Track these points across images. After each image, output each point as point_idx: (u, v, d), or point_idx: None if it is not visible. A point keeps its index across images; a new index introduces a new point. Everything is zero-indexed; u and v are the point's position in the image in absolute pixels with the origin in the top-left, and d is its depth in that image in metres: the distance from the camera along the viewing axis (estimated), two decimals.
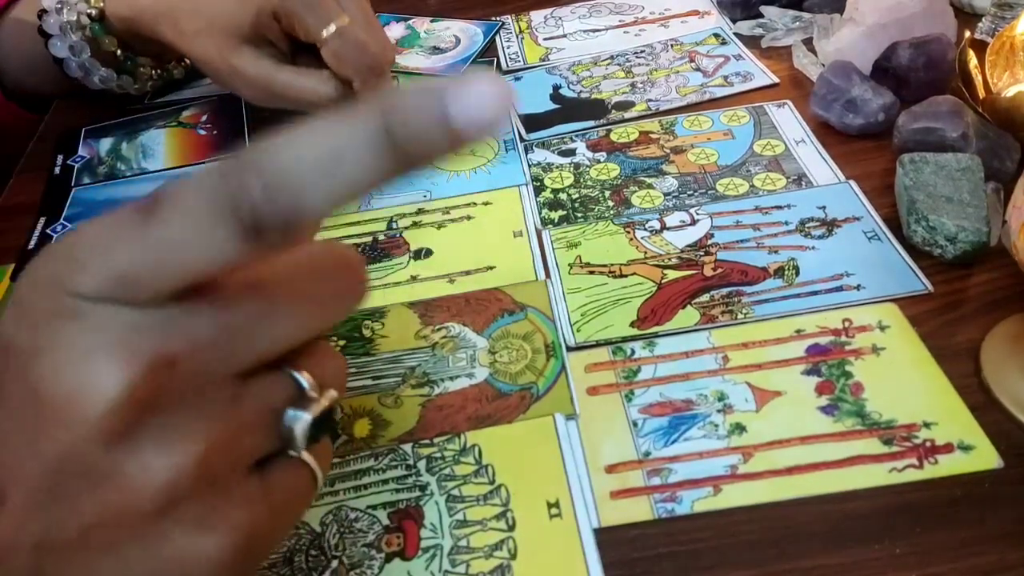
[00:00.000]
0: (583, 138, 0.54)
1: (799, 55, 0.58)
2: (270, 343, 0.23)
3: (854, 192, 0.46)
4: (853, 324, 0.39)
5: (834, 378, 0.37)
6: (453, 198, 0.50)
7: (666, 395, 0.37)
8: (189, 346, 0.22)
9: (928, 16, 0.53)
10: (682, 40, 0.63)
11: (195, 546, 0.22)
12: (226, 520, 0.23)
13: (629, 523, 0.32)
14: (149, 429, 0.21)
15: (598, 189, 0.49)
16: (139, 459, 0.21)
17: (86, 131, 0.60)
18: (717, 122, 0.54)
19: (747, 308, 0.40)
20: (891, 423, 0.35)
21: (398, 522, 0.33)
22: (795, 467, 0.34)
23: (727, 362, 0.38)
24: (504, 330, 0.41)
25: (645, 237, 0.45)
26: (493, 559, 0.32)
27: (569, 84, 0.59)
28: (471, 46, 0.65)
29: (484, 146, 0.54)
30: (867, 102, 0.50)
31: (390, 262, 0.46)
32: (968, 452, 0.33)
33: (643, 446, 0.35)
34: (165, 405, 0.21)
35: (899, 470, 0.33)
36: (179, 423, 0.22)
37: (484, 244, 0.46)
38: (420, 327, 0.41)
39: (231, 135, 0.58)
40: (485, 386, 0.38)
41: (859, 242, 0.43)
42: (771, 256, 0.43)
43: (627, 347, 0.39)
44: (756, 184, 0.48)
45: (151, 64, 0.60)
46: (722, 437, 0.35)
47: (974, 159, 0.43)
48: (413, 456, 0.36)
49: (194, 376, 0.22)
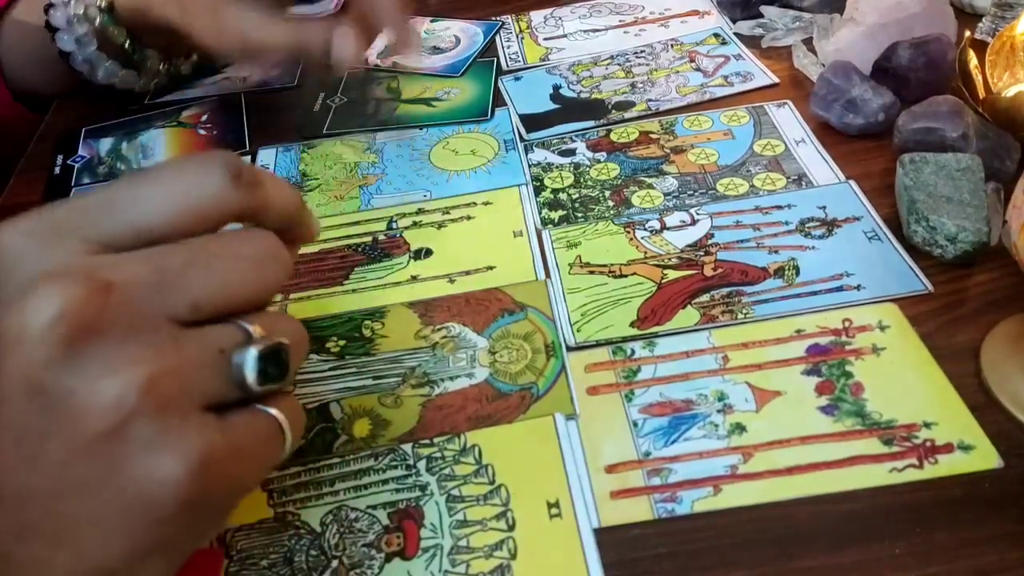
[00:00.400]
0: (583, 138, 0.54)
1: (799, 55, 0.58)
2: (202, 287, 0.25)
3: (854, 192, 0.46)
4: (853, 324, 0.39)
5: (834, 378, 0.37)
6: (453, 198, 0.50)
7: (666, 395, 0.37)
8: (124, 278, 0.24)
9: (928, 16, 0.53)
10: (682, 40, 0.63)
11: (151, 467, 0.23)
12: (179, 441, 0.23)
13: (629, 523, 0.32)
14: (93, 352, 0.23)
15: (598, 189, 0.49)
16: (85, 379, 0.23)
17: (86, 131, 0.60)
18: (717, 122, 0.54)
19: (747, 308, 0.40)
20: (891, 423, 0.35)
21: (398, 522, 0.33)
22: (795, 467, 0.34)
23: (727, 362, 0.38)
24: (504, 330, 0.41)
25: (645, 237, 0.45)
26: (493, 559, 0.32)
27: (569, 84, 0.59)
28: (471, 46, 0.65)
29: (484, 146, 0.54)
30: (867, 102, 0.50)
31: (390, 262, 0.46)
32: (968, 452, 0.33)
33: (643, 446, 0.35)
34: (106, 331, 0.23)
35: (899, 470, 0.33)
36: (121, 348, 0.23)
37: (484, 244, 0.46)
38: (420, 327, 0.41)
39: (231, 135, 0.58)
40: (485, 386, 0.38)
41: (859, 242, 0.43)
42: (771, 256, 0.43)
43: (627, 347, 0.39)
44: (756, 184, 0.48)
45: (158, 57, 0.60)
46: (722, 437, 0.35)
47: (974, 159, 0.43)
48: (413, 456, 0.36)
49: (131, 307, 0.24)
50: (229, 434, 0.25)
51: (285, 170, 0.54)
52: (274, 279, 0.28)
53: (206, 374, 0.25)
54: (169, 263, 0.25)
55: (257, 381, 0.26)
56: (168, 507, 0.23)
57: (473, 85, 0.60)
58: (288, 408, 0.27)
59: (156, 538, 0.24)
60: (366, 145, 0.56)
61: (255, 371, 0.25)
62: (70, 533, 0.23)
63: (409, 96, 0.60)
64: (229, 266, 0.26)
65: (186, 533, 0.26)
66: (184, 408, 0.24)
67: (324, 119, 0.58)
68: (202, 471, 0.24)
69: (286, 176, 0.53)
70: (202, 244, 0.26)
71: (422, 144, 0.55)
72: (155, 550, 0.24)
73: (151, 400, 0.23)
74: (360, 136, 0.56)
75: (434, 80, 0.62)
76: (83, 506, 0.23)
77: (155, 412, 0.23)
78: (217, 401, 0.25)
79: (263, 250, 0.27)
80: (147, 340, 0.24)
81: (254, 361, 0.25)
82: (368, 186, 0.52)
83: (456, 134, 0.56)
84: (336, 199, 0.51)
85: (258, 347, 0.26)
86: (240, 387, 0.26)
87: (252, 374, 0.25)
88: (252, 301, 0.27)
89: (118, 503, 0.23)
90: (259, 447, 0.26)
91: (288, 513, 0.34)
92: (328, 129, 0.57)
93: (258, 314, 0.27)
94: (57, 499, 0.23)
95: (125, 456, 0.23)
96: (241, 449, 0.25)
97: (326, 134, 0.57)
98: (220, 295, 0.26)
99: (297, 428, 0.28)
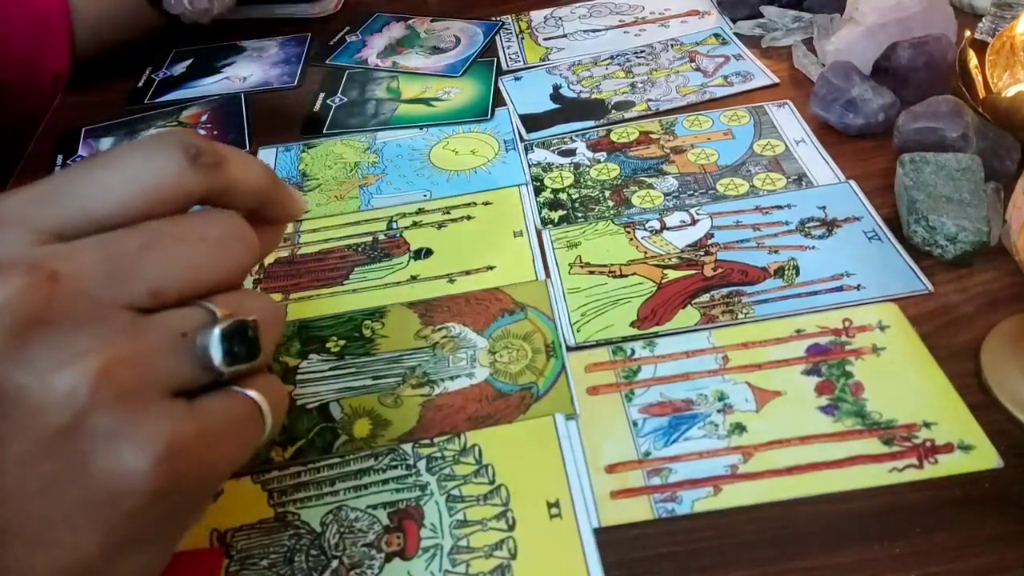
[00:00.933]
0: (583, 138, 0.54)
1: (799, 55, 0.58)
2: (161, 272, 0.24)
3: (854, 192, 0.46)
4: (853, 324, 0.39)
5: (834, 378, 0.37)
6: (453, 198, 0.50)
7: (666, 395, 0.37)
8: (73, 267, 0.23)
9: (928, 16, 0.53)
10: (682, 40, 0.63)
11: (115, 459, 0.22)
12: (142, 429, 0.23)
13: (629, 523, 0.32)
14: (42, 345, 0.22)
15: (598, 189, 0.49)
16: (36, 374, 0.22)
17: (86, 131, 0.60)
18: (717, 122, 0.54)
19: (747, 308, 0.40)
20: (891, 423, 0.35)
21: (398, 522, 0.33)
22: (795, 467, 0.34)
23: (727, 362, 0.38)
24: (504, 330, 0.41)
25: (645, 237, 0.45)
26: (493, 559, 0.32)
27: (569, 84, 0.59)
28: (471, 46, 0.65)
29: (484, 146, 0.54)
30: (867, 102, 0.50)
31: (390, 262, 0.46)
32: (968, 452, 0.33)
33: (643, 446, 0.35)
34: (55, 322, 0.22)
35: (899, 470, 0.33)
36: (72, 339, 0.22)
37: (484, 244, 0.46)
38: (420, 327, 0.41)
39: (231, 135, 0.58)
40: (485, 386, 0.38)
41: (859, 242, 0.43)
42: (771, 256, 0.43)
43: (627, 347, 0.39)
44: (756, 184, 0.48)
45: None
46: (722, 437, 0.35)
47: (974, 159, 0.43)
48: (413, 456, 0.36)
49: (82, 296, 0.23)
50: (200, 419, 0.24)
51: (285, 170, 0.54)
52: (238, 261, 0.26)
53: (169, 359, 0.24)
54: (123, 249, 0.24)
55: (224, 362, 0.25)
56: (137, 498, 0.23)
57: (473, 85, 0.60)
58: (268, 388, 0.26)
59: (131, 530, 0.23)
60: (366, 145, 0.56)
61: (220, 351, 0.24)
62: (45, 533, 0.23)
63: (409, 96, 0.60)
64: (190, 249, 0.25)
65: (163, 522, 0.25)
66: (146, 396, 0.23)
67: (324, 119, 0.58)
68: (169, 459, 0.23)
69: (286, 176, 0.53)
70: (159, 227, 0.25)
71: (422, 144, 0.55)
72: (132, 542, 0.24)
73: (108, 390, 0.22)
74: (360, 136, 0.56)
75: (434, 80, 0.62)
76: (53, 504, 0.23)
77: (114, 402, 0.22)
78: (187, 386, 0.25)
79: (226, 231, 0.26)
80: (99, 329, 0.23)
81: (218, 341, 0.24)
82: (368, 186, 0.52)
83: (456, 134, 0.56)
84: (336, 199, 0.51)
85: (221, 326, 0.24)
86: (209, 369, 0.25)
87: (218, 354, 0.24)
88: (217, 285, 0.26)
89: (87, 498, 0.23)
90: (234, 430, 0.25)
91: (288, 513, 0.34)
92: (328, 129, 0.57)
93: (225, 295, 0.26)
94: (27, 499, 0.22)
95: (88, 450, 0.22)
96: (214, 433, 0.25)
97: (326, 134, 0.57)
98: (181, 280, 0.25)
99: (278, 409, 0.27)
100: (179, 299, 0.25)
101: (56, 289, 0.23)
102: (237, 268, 0.27)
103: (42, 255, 0.23)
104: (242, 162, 0.28)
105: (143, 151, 0.26)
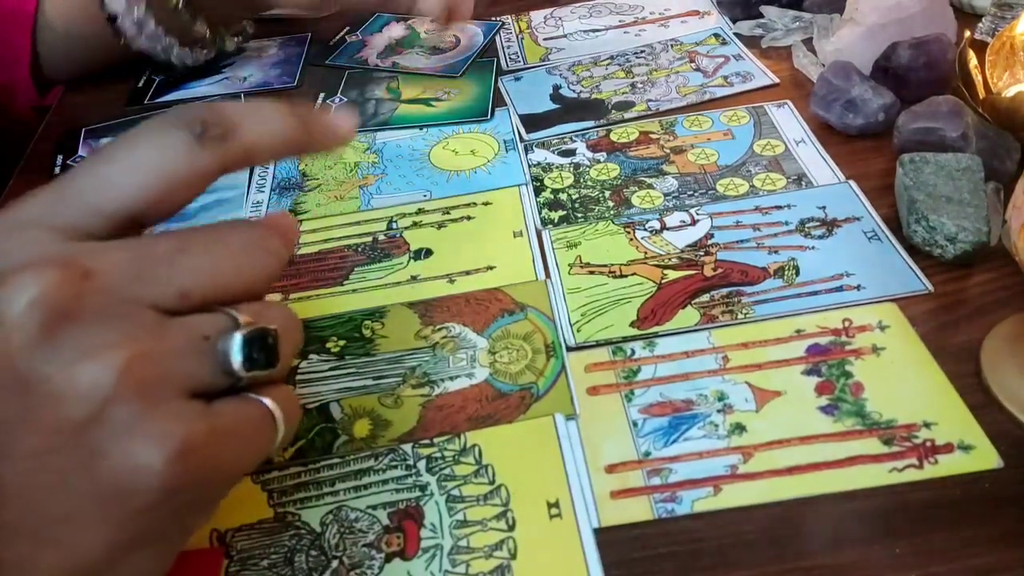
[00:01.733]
0: (583, 138, 0.54)
1: (799, 55, 0.58)
2: (189, 276, 0.25)
3: (854, 192, 0.46)
4: (853, 324, 0.39)
5: (834, 378, 0.37)
6: (453, 198, 0.50)
7: (666, 395, 0.37)
8: (104, 266, 0.24)
9: (928, 16, 0.53)
10: (682, 40, 0.63)
11: (128, 454, 0.23)
12: (159, 426, 0.23)
13: (629, 523, 0.32)
14: (70, 337, 0.22)
15: (598, 189, 0.49)
16: (61, 365, 0.22)
17: (86, 131, 0.60)
18: (717, 122, 0.54)
19: (747, 308, 0.40)
20: (891, 423, 0.35)
21: (398, 522, 0.33)
22: (795, 467, 0.34)
23: (727, 362, 0.38)
24: (504, 330, 0.41)
25: (645, 237, 0.45)
26: (493, 559, 0.32)
27: (569, 84, 0.59)
28: (471, 46, 0.65)
29: (484, 146, 0.54)
30: (867, 102, 0.50)
31: (390, 262, 0.46)
32: (968, 452, 0.33)
33: (643, 446, 0.35)
34: (84, 317, 0.23)
35: (899, 470, 0.33)
36: (99, 333, 0.23)
37: (484, 244, 0.46)
38: (420, 327, 0.41)
39: None
40: (485, 386, 0.38)
41: (859, 242, 0.43)
42: (771, 256, 0.43)
43: (627, 347, 0.39)
44: (756, 184, 0.48)
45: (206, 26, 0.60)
46: (722, 437, 0.35)
47: (974, 159, 0.43)
48: (413, 456, 0.36)
49: (110, 293, 0.24)
50: (214, 421, 0.24)
51: (285, 170, 0.54)
52: (263, 269, 0.27)
53: (190, 360, 0.24)
54: (153, 251, 0.25)
55: (244, 367, 0.25)
56: (148, 495, 0.23)
57: (473, 85, 0.60)
58: (283, 398, 0.27)
59: (139, 528, 0.23)
60: (366, 145, 0.56)
61: (241, 356, 0.25)
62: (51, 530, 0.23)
63: (409, 96, 0.60)
64: (217, 256, 0.26)
65: (170, 523, 0.25)
66: (165, 394, 0.23)
67: None
68: (182, 458, 0.23)
69: (286, 176, 0.53)
70: (190, 234, 0.26)
71: (422, 144, 0.55)
72: (139, 541, 0.24)
73: (129, 385, 0.23)
74: (360, 136, 0.56)
75: (434, 80, 0.62)
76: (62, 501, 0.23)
77: (133, 397, 0.23)
78: (204, 388, 0.25)
79: (251, 240, 0.27)
80: (126, 326, 0.23)
81: (239, 346, 0.25)
82: (368, 186, 0.52)
83: (456, 134, 0.56)
84: (336, 199, 0.51)
85: (243, 332, 0.25)
86: (227, 374, 0.25)
87: (238, 359, 0.25)
88: (244, 292, 0.26)
89: (97, 493, 0.23)
90: (247, 435, 0.26)
91: (288, 513, 0.34)
92: None
93: (248, 303, 0.26)
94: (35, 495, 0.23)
95: (102, 443, 0.22)
96: (227, 436, 0.25)
97: None
98: (208, 285, 0.25)
99: (292, 419, 0.27)
100: (204, 303, 0.25)
101: (87, 286, 0.23)
102: (262, 276, 0.27)
103: (75, 252, 0.24)
104: (258, 120, 0.27)
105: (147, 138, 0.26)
